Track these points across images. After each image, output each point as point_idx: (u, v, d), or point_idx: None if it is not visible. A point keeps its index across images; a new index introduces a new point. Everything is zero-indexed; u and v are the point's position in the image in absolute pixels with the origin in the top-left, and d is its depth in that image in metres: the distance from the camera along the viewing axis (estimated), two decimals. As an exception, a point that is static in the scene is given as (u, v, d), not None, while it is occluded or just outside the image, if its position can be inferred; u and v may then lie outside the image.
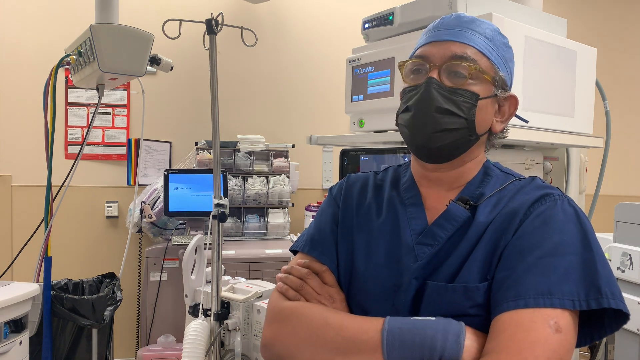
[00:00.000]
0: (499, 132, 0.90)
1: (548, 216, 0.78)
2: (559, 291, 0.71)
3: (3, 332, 1.85)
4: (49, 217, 2.13)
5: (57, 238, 3.05)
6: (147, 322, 2.88)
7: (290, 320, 0.84)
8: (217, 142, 1.85)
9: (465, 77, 0.81)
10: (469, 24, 0.85)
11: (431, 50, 0.84)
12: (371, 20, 1.63)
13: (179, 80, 3.44)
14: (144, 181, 3.31)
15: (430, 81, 0.82)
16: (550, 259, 0.73)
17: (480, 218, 0.82)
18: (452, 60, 0.82)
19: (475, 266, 0.78)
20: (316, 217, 0.99)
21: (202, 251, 2.05)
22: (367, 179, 0.99)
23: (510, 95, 0.88)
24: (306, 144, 1.82)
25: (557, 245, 0.74)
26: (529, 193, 0.82)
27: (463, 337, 0.71)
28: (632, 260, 2.07)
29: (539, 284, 0.72)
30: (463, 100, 0.81)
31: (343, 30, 3.68)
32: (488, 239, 0.79)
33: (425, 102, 0.82)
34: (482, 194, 0.85)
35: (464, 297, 0.77)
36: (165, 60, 2.24)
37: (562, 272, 0.72)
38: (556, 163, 1.75)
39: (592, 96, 1.62)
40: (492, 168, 0.91)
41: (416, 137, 0.84)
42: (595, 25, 3.95)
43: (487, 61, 0.84)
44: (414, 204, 0.89)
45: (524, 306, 0.71)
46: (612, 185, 3.32)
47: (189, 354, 1.68)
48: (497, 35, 0.87)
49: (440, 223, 0.84)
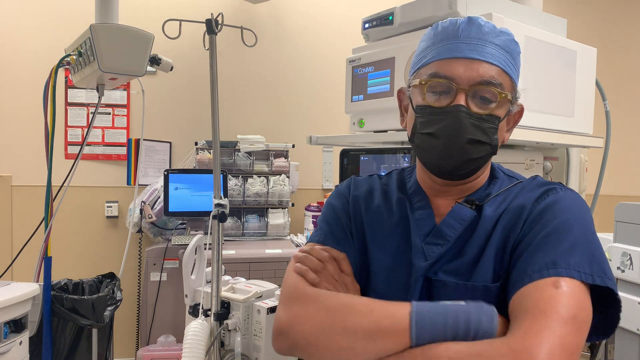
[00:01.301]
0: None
1: (552, 202, 0.79)
2: (564, 262, 0.71)
3: (3, 332, 1.85)
4: (49, 217, 2.13)
5: (57, 238, 3.05)
6: (147, 322, 2.88)
7: (312, 304, 0.78)
8: (217, 142, 1.85)
9: (493, 102, 0.80)
10: (489, 36, 0.81)
11: (457, 70, 0.79)
12: (371, 20, 1.63)
13: (179, 80, 3.44)
14: (144, 181, 3.31)
15: (459, 109, 0.78)
16: (556, 236, 0.74)
17: (487, 214, 0.82)
18: (481, 86, 0.79)
19: (489, 265, 0.79)
20: (327, 212, 0.96)
21: (202, 251, 2.05)
22: (373, 182, 0.99)
23: (520, 106, 0.88)
24: (306, 144, 1.82)
25: (563, 223, 0.75)
26: (533, 190, 0.84)
27: (496, 319, 0.69)
28: (632, 260, 2.07)
29: (543, 259, 0.72)
30: (489, 126, 0.80)
31: (343, 30, 3.68)
32: (498, 236, 0.80)
33: (456, 133, 0.79)
34: (488, 195, 0.87)
35: (483, 297, 0.76)
36: (165, 60, 2.24)
37: (567, 246, 0.72)
38: (556, 163, 1.75)
39: (592, 96, 1.62)
40: (497, 170, 0.92)
41: (443, 166, 0.82)
42: (595, 25, 3.95)
43: (509, 80, 0.82)
44: (422, 207, 0.89)
45: (528, 281, 0.71)
46: (612, 185, 3.32)
47: (189, 354, 1.68)
48: (514, 46, 0.84)
49: (448, 222, 0.84)
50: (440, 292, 0.81)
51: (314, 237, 0.94)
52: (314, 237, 0.94)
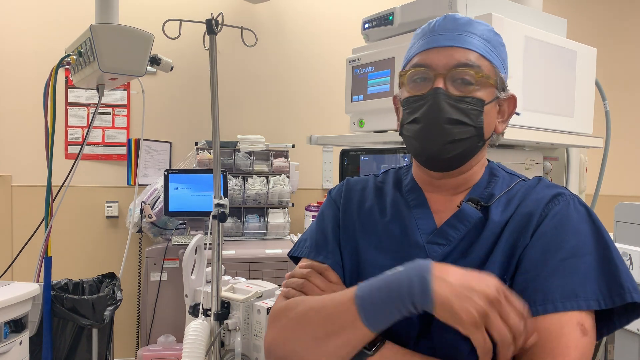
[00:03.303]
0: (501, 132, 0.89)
1: (564, 216, 0.78)
2: (583, 292, 0.72)
3: (3, 332, 1.85)
4: (49, 217, 2.13)
5: (57, 238, 3.05)
6: (147, 322, 2.88)
7: (282, 317, 0.81)
8: (217, 142, 1.85)
9: (472, 84, 0.80)
10: (466, 27, 0.83)
11: (433, 58, 0.82)
12: (371, 20, 1.63)
13: (179, 80, 3.44)
14: (144, 181, 3.31)
15: (437, 91, 0.80)
16: (571, 261, 0.74)
17: (495, 217, 0.81)
18: (458, 68, 0.80)
19: (495, 269, 0.78)
20: (317, 220, 0.97)
21: (202, 251, 2.05)
22: (367, 182, 0.98)
23: (511, 95, 0.88)
24: (306, 144, 1.82)
25: (576, 247, 0.75)
26: (540, 193, 0.82)
27: (429, 275, 0.67)
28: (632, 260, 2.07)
29: (564, 286, 0.72)
30: (471, 108, 0.81)
31: (343, 30, 3.68)
32: (505, 241, 0.79)
33: (435, 114, 0.80)
34: (492, 195, 0.85)
35: None
36: (165, 60, 2.24)
37: (584, 273, 0.73)
38: (556, 163, 1.75)
39: (592, 96, 1.62)
40: (496, 169, 0.91)
41: (427, 149, 0.82)
42: (595, 25, 3.95)
43: (489, 64, 0.83)
44: (419, 205, 0.88)
45: (552, 310, 0.71)
46: (612, 185, 3.32)
47: (189, 354, 1.68)
48: (494, 36, 0.86)
49: (453, 223, 0.83)
50: None
51: (303, 248, 0.94)
52: (303, 248, 0.94)
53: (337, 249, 0.90)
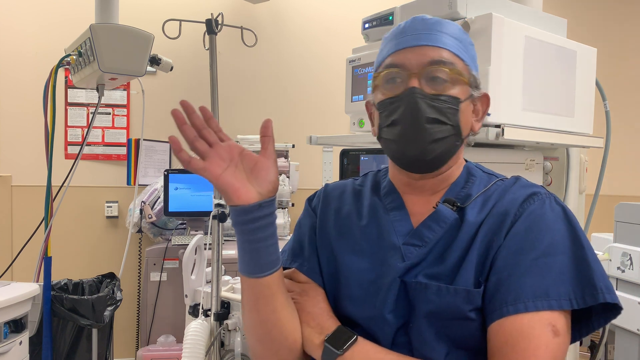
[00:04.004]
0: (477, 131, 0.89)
1: (538, 215, 0.77)
2: (556, 292, 0.72)
3: (3, 332, 1.85)
4: (49, 217, 2.12)
5: (57, 238, 3.04)
6: (147, 322, 2.88)
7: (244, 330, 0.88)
8: (217, 142, 1.85)
9: (446, 82, 0.80)
10: (436, 26, 0.82)
11: (406, 57, 0.81)
12: (371, 20, 1.63)
13: (179, 80, 3.44)
14: (144, 181, 3.31)
15: (413, 91, 0.79)
16: (544, 260, 0.73)
17: (470, 218, 0.81)
18: (431, 66, 0.79)
19: (471, 269, 0.77)
20: (294, 230, 0.98)
21: (202, 251, 2.05)
22: (345, 186, 0.98)
23: (484, 93, 0.88)
24: (306, 144, 1.82)
25: (550, 246, 0.75)
26: (516, 192, 0.82)
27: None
28: (632, 260, 2.07)
29: (536, 286, 0.72)
30: (447, 106, 0.80)
31: (343, 30, 3.68)
32: (480, 241, 0.79)
33: (414, 114, 0.78)
34: (469, 195, 0.84)
35: (465, 301, 0.76)
36: (165, 60, 2.24)
37: (557, 273, 0.73)
38: (556, 163, 1.75)
39: (592, 96, 1.62)
40: (474, 169, 0.90)
41: (408, 151, 0.81)
42: (595, 25, 3.95)
43: (461, 62, 0.82)
44: (396, 207, 0.88)
45: (523, 310, 0.71)
46: (612, 185, 3.32)
47: (189, 354, 1.68)
48: (463, 35, 0.86)
49: (429, 224, 0.83)
50: (420, 295, 0.78)
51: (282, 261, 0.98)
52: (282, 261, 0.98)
53: (313, 255, 0.91)
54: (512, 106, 1.37)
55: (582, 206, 1.85)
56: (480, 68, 1.30)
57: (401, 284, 0.80)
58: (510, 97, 1.35)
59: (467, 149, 1.43)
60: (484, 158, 1.47)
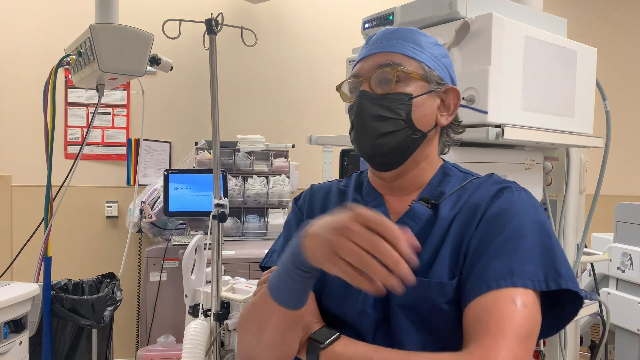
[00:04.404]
0: (450, 127, 0.93)
1: (508, 204, 0.82)
2: (520, 271, 0.74)
3: (3, 332, 1.85)
4: (48, 217, 2.12)
5: (57, 238, 3.04)
6: (147, 322, 2.88)
7: (240, 323, 0.89)
8: (217, 142, 1.85)
9: (394, 81, 0.86)
10: (392, 34, 0.90)
11: (361, 67, 0.90)
12: (371, 20, 1.63)
13: (179, 80, 3.44)
14: (144, 181, 3.31)
15: (361, 94, 0.87)
16: (512, 242, 0.77)
17: (443, 214, 0.85)
18: (378, 69, 0.87)
19: (445, 263, 0.81)
20: (283, 230, 1.02)
21: (202, 251, 2.05)
22: (330, 187, 1.03)
23: (450, 87, 0.91)
24: (306, 144, 1.82)
25: (518, 228, 0.78)
26: (488, 188, 0.86)
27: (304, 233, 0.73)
28: (632, 260, 2.07)
29: (501, 266, 0.75)
30: (395, 103, 0.86)
31: (343, 30, 3.68)
32: (453, 235, 0.83)
33: (361, 114, 0.87)
34: (443, 193, 0.89)
35: (439, 293, 0.79)
36: (165, 60, 2.24)
37: (523, 253, 0.76)
38: (556, 163, 1.75)
39: (592, 96, 1.62)
40: (450, 169, 0.94)
41: (362, 148, 0.89)
42: (595, 25, 3.95)
43: (414, 62, 0.88)
44: (377, 206, 0.92)
45: (486, 290, 0.74)
46: (612, 185, 3.32)
47: (189, 354, 1.68)
48: (422, 37, 0.91)
49: (405, 221, 0.87)
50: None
51: (270, 259, 1.01)
52: (270, 259, 1.01)
53: None
54: (512, 106, 1.36)
55: (582, 206, 1.85)
56: (480, 68, 1.30)
57: None
58: (510, 97, 1.35)
59: (469, 150, 1.43)
60: (484, 158, 1.47)
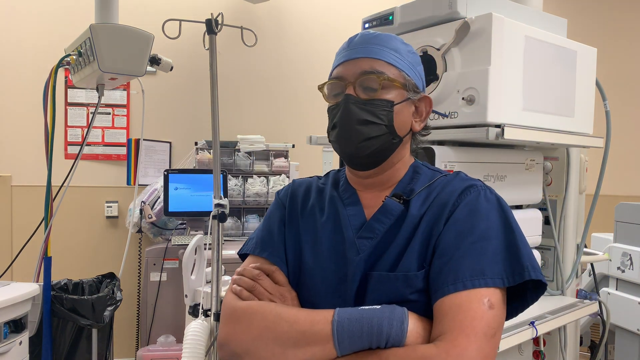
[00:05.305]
0: (420, 131, 0.99)
1: (474, 205, 0.87)
2: (490, 271, 0.82)
3: (3, 332, 1.85)
4: (49, 217, 2.13)
5: (57, 238, 3.04)
6: (147, 322, 2.88)
7: (244, 318, 0.88)
8: (217, 142, 1.85)
9: (378, 88, 0.90)
10: (374, 40, 0.94)
11: (345, 70, 0.94)
12: (371, 20, 1.63)
13: (179, 80, 3.44)
14: (144, 181, 3.31)
15: (348, 97, 0.92)
16: (480, 244, 0.84)
17: (413, 211, 0.91)
18: (363, 75, 0.91)
19: (413, 256, 0.87)
20: (264, 219, 1.05)
21: (202, 251, 2.05)
22: (311, 183, 1.07)
23: (424, 96, 0.97)
24: (306, 144, 1.82)
25: (485, 230, 0.85)
26: (455, 185, 0.91)
27: (407, 322, 0.79)
28: (632, 260, 2.07)
29: (473, 267, 0.82)
30: (379, 109, 0.91)
31: (343, 30, 3.67)
32: (423, 230, 0.88)
33: (347, 117, 0.91)
34: (413, 190, 0.94)
35: (404, 285, 0.85)
36: (165, 60, 2.24)
37: (491, 255, 0.83)
38: (556, 163, 1.75)
39: (592, 96, 1.62)
40: (420, 167, 1.00)
41: (345, 149, 0.93)
42: (595, 25, 3.95)
43: (395, 70, 0.93)
44: (352, 203, 0.97)
45: (462, 288, 0.80)
46: (612, 185, 3.32)
47: (189, 354, 1.68)
48: (401, 45, 0.96)
49: (378, 217, 0.92)
50: (372, 282, 0.87)
51: (250, 245, 1.02)
52: (250, 245, 1.02)
53: (281, 246, 0.99)
54: (512, 106, 1.37)
55: (582, 206, 1.85)
56: (480, 68, 1.30)
57: (358, 275, 0.90)
58: (510, 97, 1.35)
59: (469, 150, 1.43)
60: (484, 158, 1.47)
